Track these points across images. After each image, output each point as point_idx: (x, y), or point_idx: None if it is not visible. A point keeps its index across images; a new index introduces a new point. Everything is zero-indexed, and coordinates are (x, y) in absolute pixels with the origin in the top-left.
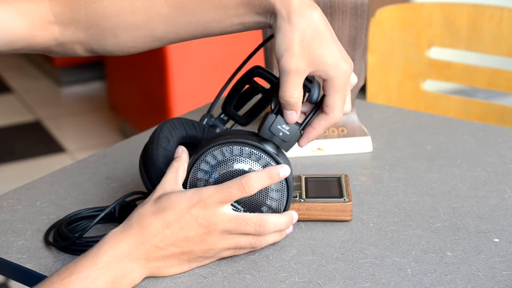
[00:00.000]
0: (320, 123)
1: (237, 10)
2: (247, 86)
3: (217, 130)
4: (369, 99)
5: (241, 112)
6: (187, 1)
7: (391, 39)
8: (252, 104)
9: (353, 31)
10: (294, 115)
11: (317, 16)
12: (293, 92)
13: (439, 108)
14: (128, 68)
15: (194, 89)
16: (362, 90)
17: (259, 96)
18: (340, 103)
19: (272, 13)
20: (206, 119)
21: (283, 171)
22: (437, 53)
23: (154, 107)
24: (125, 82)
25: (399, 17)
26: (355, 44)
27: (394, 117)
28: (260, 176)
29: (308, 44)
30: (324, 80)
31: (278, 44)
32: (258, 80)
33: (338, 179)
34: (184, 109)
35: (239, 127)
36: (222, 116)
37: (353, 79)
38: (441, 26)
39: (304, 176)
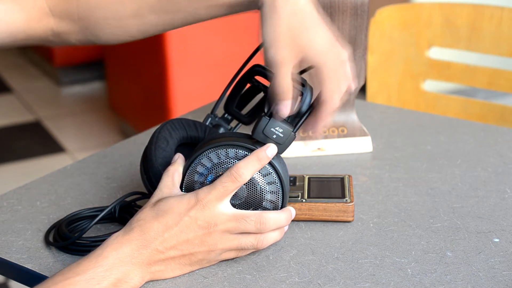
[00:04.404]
0: (321, 115)
1: None
2: (248, 85)
3: (221, 130)
4: (369, 99)
5: (245, 111)
6: None
7: (391, 39)
8: (255, 103)
9: (353, 31)
10: (288, 107)
11: (304, 1)
12: (286, 81)
13: (439, 108)
14: (128, 68)
15: (194, 89)
16: (362, 90)
17: (261, 94)
18: (336, 88)
19: None
20: (209, 119)
21: (270, 150)
22: (437, 53)
23: (154, 107)
24: (125, 82)
25: (399, 17)
26: (355, 44)
27: (394, 117)
28: (248, 162)
29: (295, 32)
30: (315, 69)
31: (265, 34)
32: (259, 78)
33: (341, 180)
34: (184, 109)
35: (243, 127)
36: (226, 115)
37: (344, 57)
38: (441, 26)
39: (307, 176)
